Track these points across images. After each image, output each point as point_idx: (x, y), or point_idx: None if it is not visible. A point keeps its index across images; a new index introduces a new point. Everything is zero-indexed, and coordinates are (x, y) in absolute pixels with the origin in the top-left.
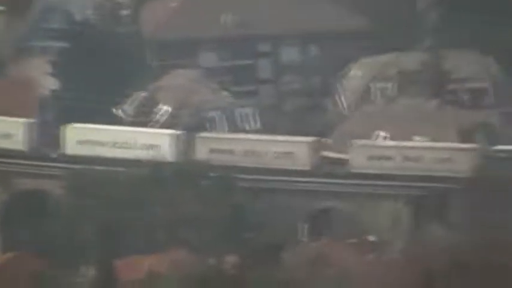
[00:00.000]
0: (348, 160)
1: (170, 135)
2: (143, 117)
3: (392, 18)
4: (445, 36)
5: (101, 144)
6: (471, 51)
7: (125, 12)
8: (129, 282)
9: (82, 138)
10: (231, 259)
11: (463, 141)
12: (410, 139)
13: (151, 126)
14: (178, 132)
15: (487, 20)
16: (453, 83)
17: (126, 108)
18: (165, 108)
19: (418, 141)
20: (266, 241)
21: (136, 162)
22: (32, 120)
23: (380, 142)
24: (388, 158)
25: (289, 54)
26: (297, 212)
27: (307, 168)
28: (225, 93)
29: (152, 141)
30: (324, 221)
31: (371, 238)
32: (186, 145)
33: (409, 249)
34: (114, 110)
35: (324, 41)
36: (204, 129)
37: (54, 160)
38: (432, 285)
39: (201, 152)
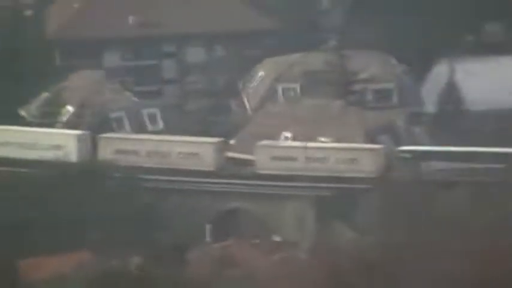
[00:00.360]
0: (252, 161)
1: (74, 135)
2: (48, 118)
3: (297, 18)
4: (350, 36)
5: (6, 144)
6: (376, 51)
7: (28, 12)
8: (32, 283)
9: None
10: (135, 260)
11: (368, 141)
12: (315, 140)
13: (57, 127)
14: (83, 132)
15: (391, 21)
16: (358, 83)
17: (31, 109)
18: (68, 109)
19: (322, 142)
20: (171, 242)
21: (41, 163)
22: None
23: (284, 143)
24: (293, 159)
25: (194, 54)
26: (203, 213)
27: (211, 169)
28: (128, 93)
29: (57, 142)
30: (229, 221)
31: (276, 238)
32: (90, 146)
33: (315, 250)
34: (19, 111)
35: (229, 41)
36: (111, 130)
37: None
38: (338, 285)
39: (106, 153)
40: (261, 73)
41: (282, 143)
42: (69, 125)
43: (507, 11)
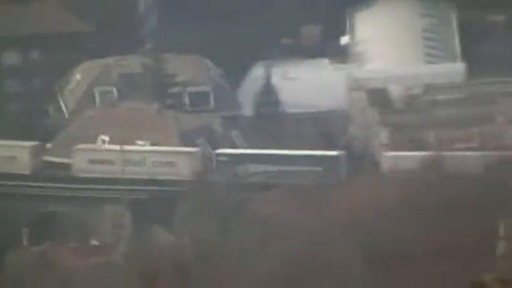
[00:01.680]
0: (70, 164)
1: None
2: None
3: (114, 20)
4: (166, 39)
5: None
6: (192, 55)
7: None
8: None
9: None
10: None
11: (185, 145)
12: (132, 143)
13: None
14: None
15: (207, 24)
16: (174, 86)
17: None
18: None
19: (140, 145)
20: None
21: None
22: None
23: (101, 146)
24: (110, 162)
25: (10, 57)
26: (19, 217)
27: (27, 172)
28: None
29: None
30: (47, 225)
31: (94, 242)
32: None
33: (132, 252)
34: None
35: (46, 44)
36: None
37: None
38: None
39: None
40: (77, 76)
41: (99, 146)
42: None
43: (324, 14)
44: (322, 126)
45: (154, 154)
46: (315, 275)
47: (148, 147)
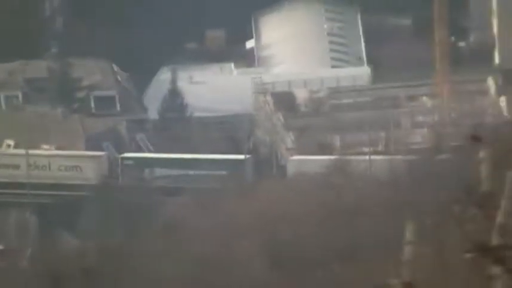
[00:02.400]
0: None
1: None
2: None
3: (19, 25)
4: (73, 43)
5: None
6: (98, 59)
7: None
8: None
9: None
10: None
11: (91, 148)
12: (38, 147)
13: None
14: None
15: (113, 28)
16: (80, 90)
17: None
18: None
19: (45, 149)
20: None
21: None
22: None
23: (6, 150)
24: (15, 166)
25: None
26: None
27: None
28: None
29: None
30: None
31: (0, 246)
32: None
33: (38, 256)
34: None
35: None
36: None
37: None
38: None
39: None
40: None
41: (4, 150)
42: None
43: (229, 19)
44: (228, 130)
45: (59, 158)
46: (219, 279)
47: (53, 151)
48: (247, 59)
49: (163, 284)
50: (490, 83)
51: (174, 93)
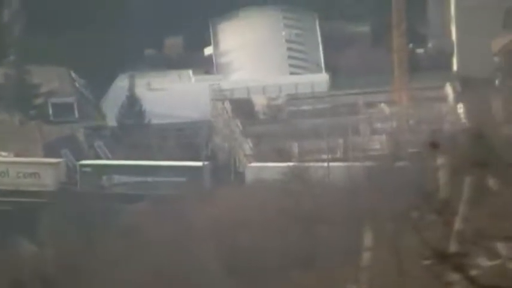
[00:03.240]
0: None
1: None
2: None
3: None
4: (30, 50)
5: None
6: (56, 66)
7: None
8: None
9: None
10: None
11: (49, 155)
12: None
13: None
14: None
15: (71, 35)
16: (38, 97)
17: None
18: None
19: (3, 156)
20: None
21: None
22: None
23: None
24: None
25: None
26: None
27: None
28: None
29: None
30: None
31: None
32: None
33: None
34: None
35: None
36: None
37: None
38: None
39: None
40: None
41: None
42: None
43: (187, 26)
44: (187, 137)
45: (17, 165)
46: (177, 285)
47: (11, 158)
48: (205, 66)
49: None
50: (448, 90)
51: (132, 100)
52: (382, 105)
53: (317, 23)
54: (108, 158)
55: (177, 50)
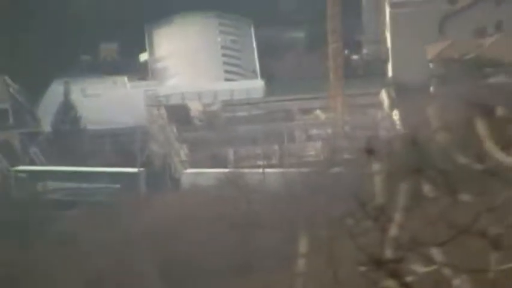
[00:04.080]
0: None
1: None
2: None
3: None
4: None
5: None
6: None
7: None
8: None
9: None
10: None
11: None
12: None
13: None
14: None
15: (3, 40)
16: None
17: None
18: None
19: None
20: None
21: None
22: None
23: None
24: None
25: None
26: None
27: None
28: None
29: None
30: None
31: None
32: None
33: None
34: None
35: None
36: None
37: None
38: None
39: None
40: None
41: None
42: None
43: (122, 31)
44: (122, 143)
45: None
46: None
47: None
48: (140, 72)
49: None
50: (384, 96)
51: (67, 106)
52: (318, 111)
53: (252, 29)
54: (43, 164)
55: (112, 56)
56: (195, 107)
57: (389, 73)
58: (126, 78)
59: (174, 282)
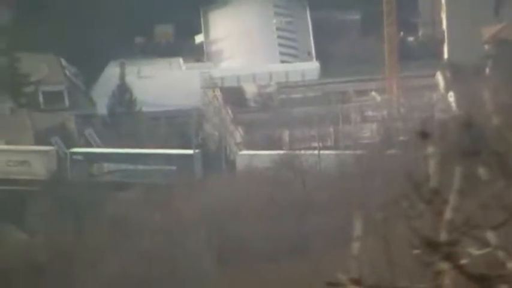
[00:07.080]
0: None
1: None
2: None
3: None
4: (19, 38)
5: None
6: (46, 53)
7: None
8: None
9: None
10: None
11: (40, 144)
12: None
13: None
14: None
15: (61, 22)
16: (28, 85)
17: None
18: None
19: None
20: None
21: None
22: None
23: None
24: None
25: None
26: None
27: None
28: None
29: None
30: None
31: None
32: None
33: None
34: None
35: None
36: None
37: None
38: (10, 286)
39: None
40: None
41: None
42: None
43: (178, 13)
44: (177, 125)
45: (8, 153)
46: (168, 274)
47: (2, 146)
48: (196, 54)
49: (111, 280)
50: (439, 78)
51: (123, 88)
52: (373, 93)
53: (308, 11)
54: (98, 146)
55: (168, 38)
56: (250, 89)
57: (445, 55)
58: (181, 60)
59: (228, 263)
